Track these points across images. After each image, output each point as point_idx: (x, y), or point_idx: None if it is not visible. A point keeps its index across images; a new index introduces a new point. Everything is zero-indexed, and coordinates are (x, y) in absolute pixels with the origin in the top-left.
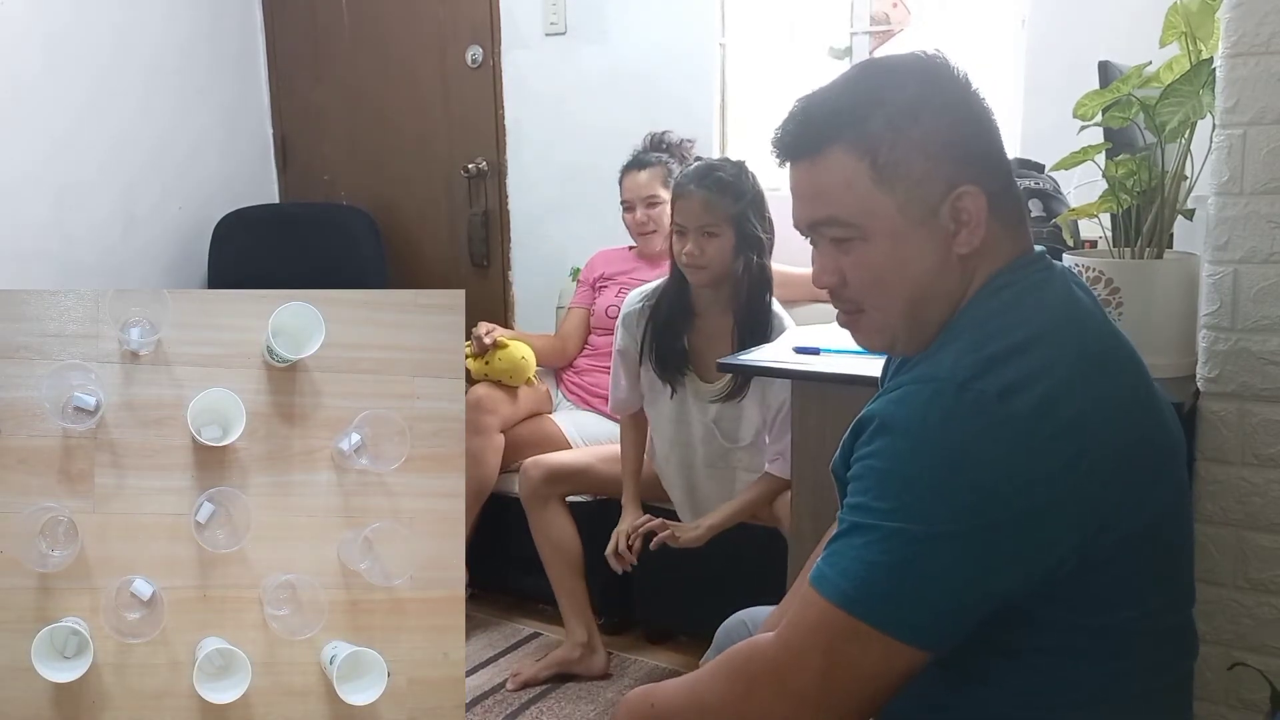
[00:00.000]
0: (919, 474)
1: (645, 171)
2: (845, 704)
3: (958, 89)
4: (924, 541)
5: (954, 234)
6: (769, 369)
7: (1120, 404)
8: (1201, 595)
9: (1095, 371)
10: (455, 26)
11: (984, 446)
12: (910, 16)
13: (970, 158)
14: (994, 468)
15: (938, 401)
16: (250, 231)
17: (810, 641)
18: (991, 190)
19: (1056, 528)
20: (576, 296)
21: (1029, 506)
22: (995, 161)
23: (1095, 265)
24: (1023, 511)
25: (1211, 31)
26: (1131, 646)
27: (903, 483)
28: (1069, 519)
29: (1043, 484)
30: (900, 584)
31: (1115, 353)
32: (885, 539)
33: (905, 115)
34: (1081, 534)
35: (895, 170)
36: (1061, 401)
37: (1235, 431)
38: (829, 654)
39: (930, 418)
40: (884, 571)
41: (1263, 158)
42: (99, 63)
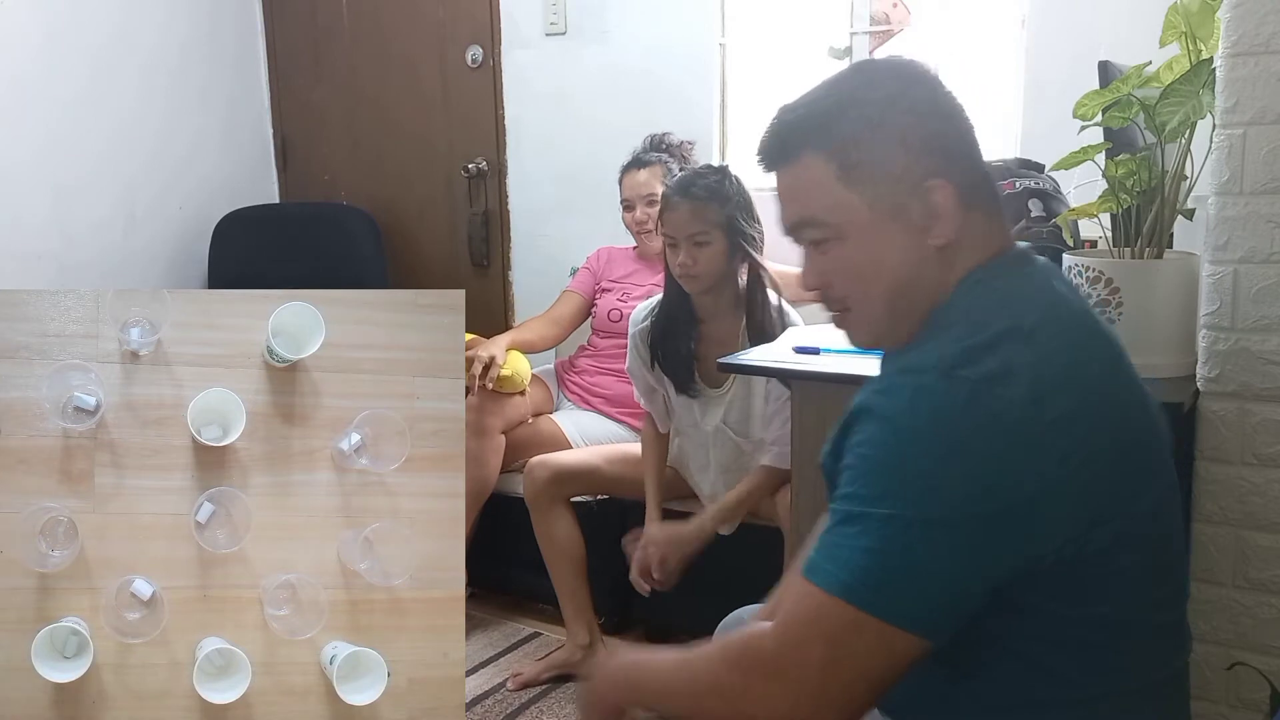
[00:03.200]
0: (910, 461)
1: (645, 170)
2: (844, 695)
3: (926, 89)
4: (917, 527)
5: (927, 227)
6: (769, 369)
7: (1112, 399)
8: (1201, 595)
9: (1084, 365)
10: (455, 26)
11: (977, 437)
12: (910, 16)
13: (938, 153)
14: (987, 459)
15: (925, 390)
16: (250, 231)
17: (810, 633)
18: (963, 184)
19: (1050, 520)
20: (577, 280)
21: (1023, 498)
22: (967, 158)
23: (1095, 265)
24: (1016, 503)
25: (1211, 31)
26: (1125, 642)
27: (893, 470)
28: (1062, 512)
29: (1037, 477)
30: (896, 572)
31: (1103, 349)
32: (879, 526)
33: (871, 116)
34: (1075, 526)
35: (863, 169)
36: (1053, 393)
37: (1235, 431)
38: (829, 645)
39: (918, 405)
40: (879, 559)
41: (1263, 158)
42: (99, 62)
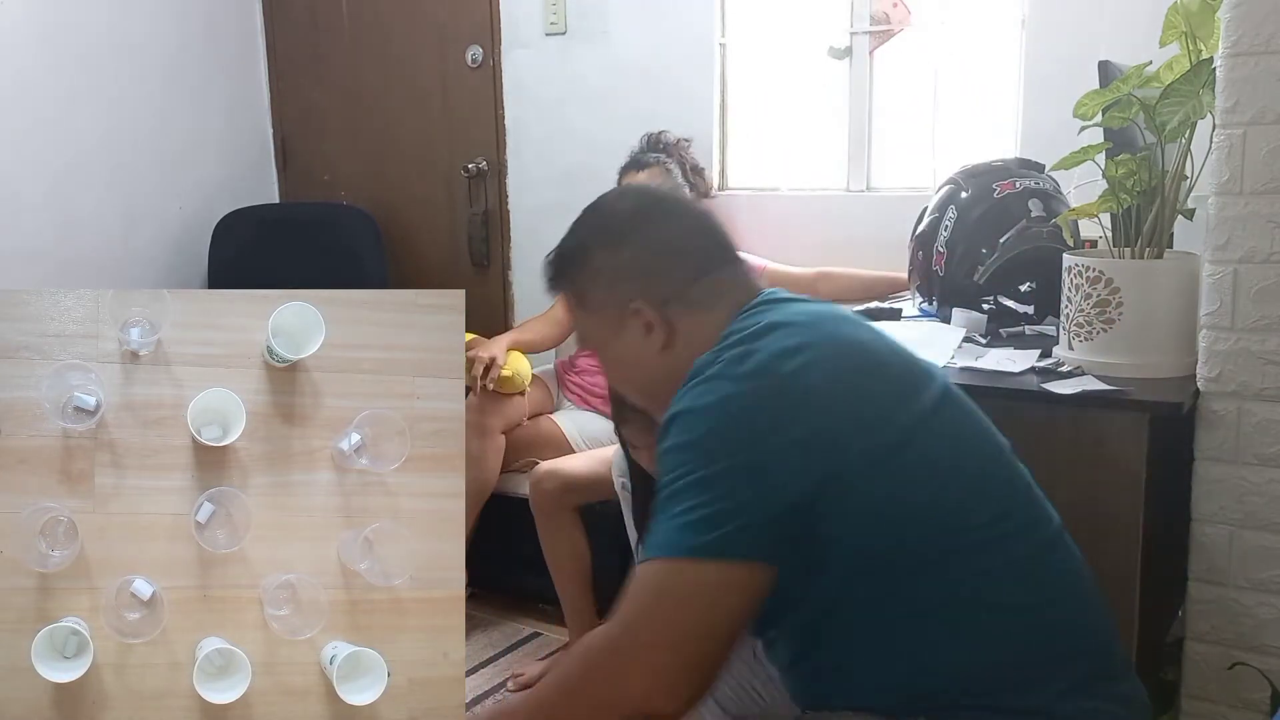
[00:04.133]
0: (703, 431)
1: (644, 173)
2: (690, 665)
3: (619, 225)
4: (718, 478)
5: (646, 334)
6: None
7: (845, 349)
8: (1201, 595)
9: (830, 334)
10: (455, 26)
11: (743, 389)
12: (910, 16)
13: (635, 278)
14: (756, 406)
15: (704, 379)
16: (250, 231)
17: (650, 609)
18: (665, 296)
19: (820, 450)
20: None
21: (796, 436)
22: (669, 271)
23: (1095, 265)
24: (798, 434)
25: (1211, 31)
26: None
27: (689, 446)
28: (832, 436)
29: (798, 419)
30: (724, 514)
31: (850, 326)
32: (695, 489)
33: (579, 258)
34: (838, 455)
35: (584, 299)
36: (800, 349)
37: (1235, 431)
38: (670, 616)
39: (696, 389)
40: (695, 513)
41: (1263, 158)
42: (98, 62)
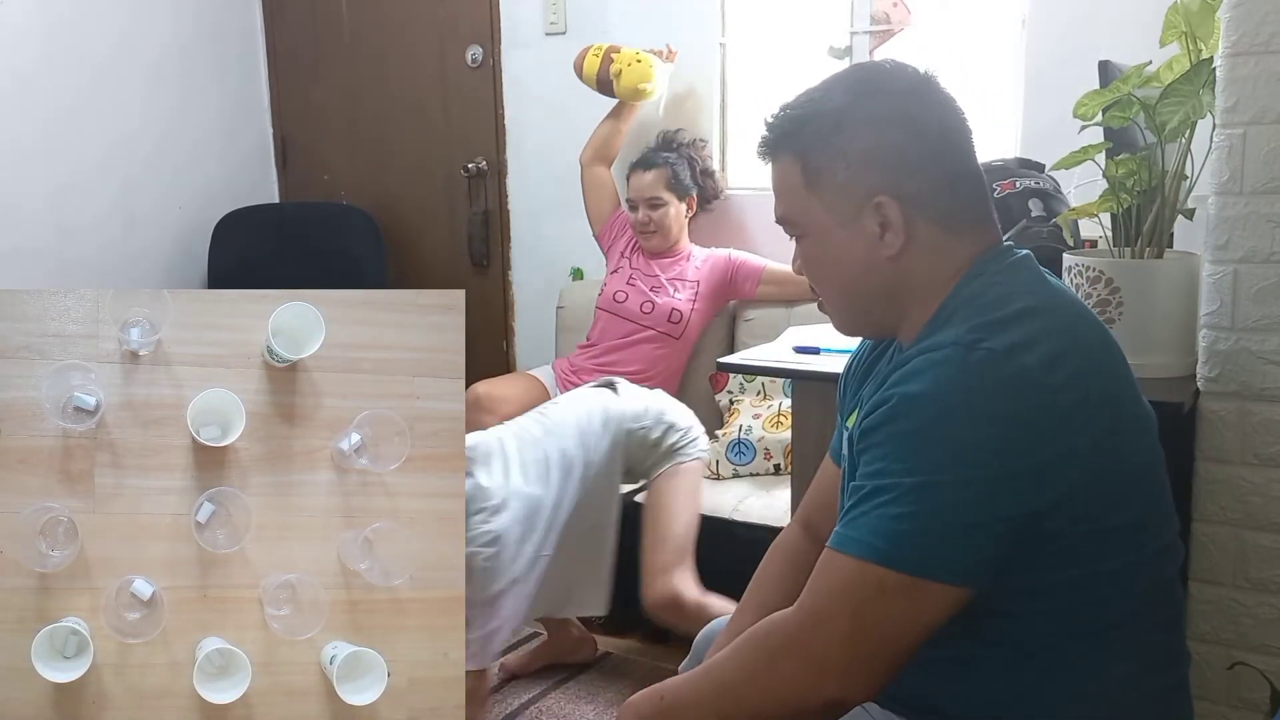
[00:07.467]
0: (935, 430)
1: (651, 173)
2: (869, 667)
3: (891, 101)
4: (946, 488)
5: (879, 236)
6: (769, 369)
7: (1103, 367)
8: (1201, 595)
9: (1083, 337)
10: (455, 26)
11: (998, 400)
12: (910, 16)
13: (891, 167)
14: (1008, 420)
15: (947, 363)
16: (250, 231)
17: (835, 606)
18: (916, 200)
19: (1065, 469)
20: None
21: (1042, 454)
22: (928, 173)
23: (1095, 265)
24: (1038, 459)
25: (1211, 31)
26: (1131, 582)
27: (920, 442)
28: (1074, 463)
29: (1051, 438)
30: (929, 531)
31: (1095, 328)
32: (907, 494)
33: (830, 125)
34: (1083, 475)
35: (820, 176)
36: (1061, 359)
37: (1235, 431)
38: (855, 616)
39: (941, 377)
40: (910, 522)
41: (1263, 158)
42: (99, 62)
